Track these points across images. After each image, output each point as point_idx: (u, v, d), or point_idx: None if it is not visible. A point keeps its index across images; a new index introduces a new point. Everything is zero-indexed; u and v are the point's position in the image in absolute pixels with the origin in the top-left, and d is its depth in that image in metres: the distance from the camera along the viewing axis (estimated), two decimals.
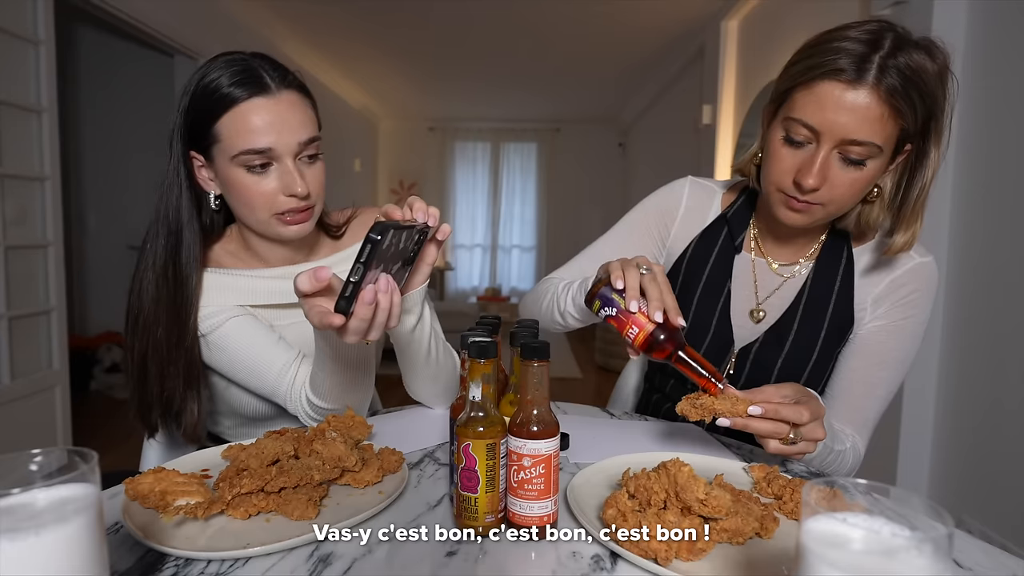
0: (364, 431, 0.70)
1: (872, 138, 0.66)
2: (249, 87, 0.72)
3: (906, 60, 0.65)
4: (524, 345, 0.53)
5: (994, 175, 1.57)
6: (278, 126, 0.72)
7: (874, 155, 0.68)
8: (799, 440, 0.63)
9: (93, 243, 3.96)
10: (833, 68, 0.66)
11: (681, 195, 0.92)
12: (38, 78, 2.18)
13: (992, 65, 1.58)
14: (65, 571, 0.33)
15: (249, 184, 0.74)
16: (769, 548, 0.50)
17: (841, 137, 0.67)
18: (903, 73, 0.65)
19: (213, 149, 0.75)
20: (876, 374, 0.81)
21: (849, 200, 0.73)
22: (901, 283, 0.80)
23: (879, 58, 0.65)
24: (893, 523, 0.32)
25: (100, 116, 3.89)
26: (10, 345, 2.11)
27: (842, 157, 0.69)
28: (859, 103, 0.65)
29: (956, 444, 1.68)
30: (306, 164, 0.76)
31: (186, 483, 0.54)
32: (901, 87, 0.65)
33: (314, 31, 3.85)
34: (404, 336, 0.76)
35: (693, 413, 0.62)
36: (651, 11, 3.38)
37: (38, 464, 0.37)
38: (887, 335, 0.81)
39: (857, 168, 0.69)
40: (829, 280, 0.82)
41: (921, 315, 0.81)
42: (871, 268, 0.81)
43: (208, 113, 0.73)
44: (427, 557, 0.49)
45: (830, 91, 0.66)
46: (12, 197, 2.11)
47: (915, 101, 0.66)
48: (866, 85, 0.65)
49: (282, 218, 0.76)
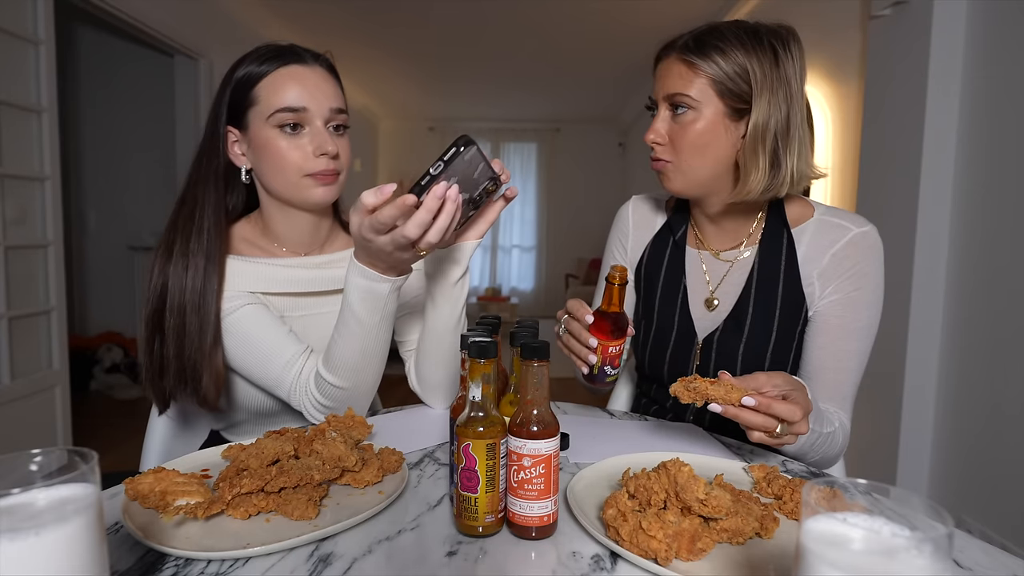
0: (364, 431, 0.70)
1: (683, 89, 0.80)
2: (286, 57, 0.80)
3: (706, 30, 0.81)
4: (524, 345, 0.53)
5: (994, 174, 1.57)
6: (311, 90, 0.79)
7: (692, 105, 0.80)
8: (785, 435, 0.64)
9: (93, 243, 3.96)
10: (661, 47, 0.85)
11: (627, 215, 1.03)
12: (38, 78, 2.18)
13: (992, 64, 1.58)
14: (65, 571, 0.33)
15: (282, 144, 0.79)
16: (769, 548, 0.50)
17: (666, 94, 0.82)
18: (698, 38, 0.80)
19: (249, 113, 0.80)
20: (842, 347, 0.84)
21: (689, 152, 0.81)
22: (843, 256, 0.83)
23: (688, 32, 0.82)
24: (893, 523, 0.33)
25: (100, 116, 3.89)
26: (10, 345, 2.11)
27: (671, 114, 0.82)
28: (672, 67, 0.81)
29: (956, 444, 1.68)
30: (334, 134, 0.82)
31: (186, 483, 0.54)
32: (694, 46, 0.79)
33: (313, 31, 3.85)
34: (445, 289, 0.77)
35: (686, 395, 0.62)
36: (650, 11, 3.39)
37: (38, 464, 0.37)
38: (843, 308, 0.83)
39: (681, 117, 0.81)
40: (774, 262, 0.87)
41: (871, 283, 0.84)
42: (811, 246, 0.85)
43: (248, 82, 0.80)
44: (427, 557, 0.49)
45: (658, 66, 0.84)
46: (12, 197, 2.11)
47: (713, 56, 0.78)
48: (675, 51, 0.81)
49: (313, 178, 0.81)
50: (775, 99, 0.78)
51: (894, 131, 1.80)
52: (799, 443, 0.71)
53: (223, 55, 3.27)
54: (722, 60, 0.78)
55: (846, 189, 2.18)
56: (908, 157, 1.73)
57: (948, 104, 1.66)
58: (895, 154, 1.80)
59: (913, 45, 1.71)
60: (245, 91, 0.80)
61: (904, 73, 1.76)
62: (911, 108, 1.72)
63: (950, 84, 1.65)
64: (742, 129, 0.81)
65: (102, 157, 3.92)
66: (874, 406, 1.87)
